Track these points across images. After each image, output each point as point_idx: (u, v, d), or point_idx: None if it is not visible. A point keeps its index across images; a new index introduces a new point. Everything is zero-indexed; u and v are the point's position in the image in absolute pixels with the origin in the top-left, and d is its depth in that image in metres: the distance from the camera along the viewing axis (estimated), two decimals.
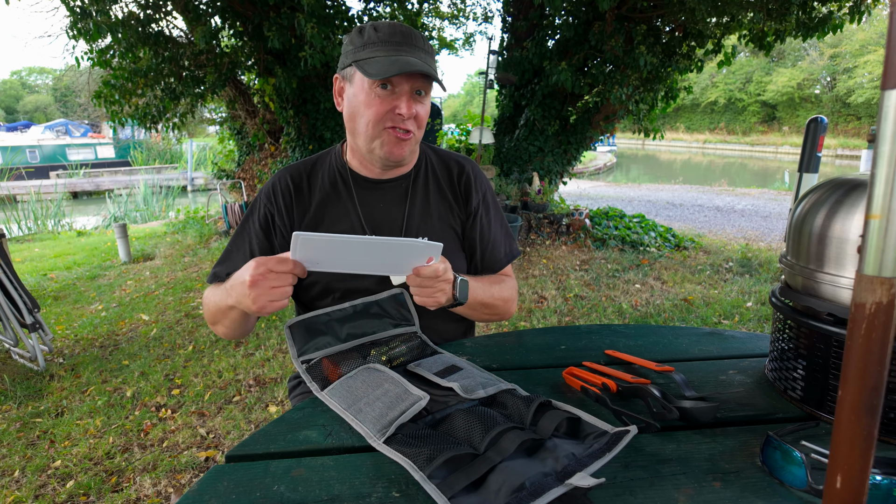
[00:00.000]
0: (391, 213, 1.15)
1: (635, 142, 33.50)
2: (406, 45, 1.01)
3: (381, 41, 1.01)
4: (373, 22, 1.05)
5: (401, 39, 1.01)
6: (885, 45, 0.37)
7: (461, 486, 0.64)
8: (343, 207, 1.14)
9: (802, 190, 3.07)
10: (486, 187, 1.24)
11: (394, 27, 1.02)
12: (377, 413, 0.79)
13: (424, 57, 1.03)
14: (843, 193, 0.79)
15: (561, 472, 0.65)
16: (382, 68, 0.98)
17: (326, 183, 1.16)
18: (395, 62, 0.98)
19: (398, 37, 1.01)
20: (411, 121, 1.04)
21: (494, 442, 0.70)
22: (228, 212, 6.91)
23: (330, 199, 1.15)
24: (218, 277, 1.12)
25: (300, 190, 1.16)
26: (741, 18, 5.50)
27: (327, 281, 1.11)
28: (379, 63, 0.99)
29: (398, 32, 1.02)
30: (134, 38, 5.28)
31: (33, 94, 52.31)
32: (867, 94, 28.93)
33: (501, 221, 1.26)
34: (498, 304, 1.17)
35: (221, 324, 1.07)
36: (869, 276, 0.38)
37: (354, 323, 1.05)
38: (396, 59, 0.99)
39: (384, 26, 1.02)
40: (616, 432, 0.72)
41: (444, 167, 1.22)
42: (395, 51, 1.00)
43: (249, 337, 3.43)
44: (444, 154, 1.24)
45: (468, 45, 10.03)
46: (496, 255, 1.23)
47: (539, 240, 5.94)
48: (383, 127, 1.04)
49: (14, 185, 14.61)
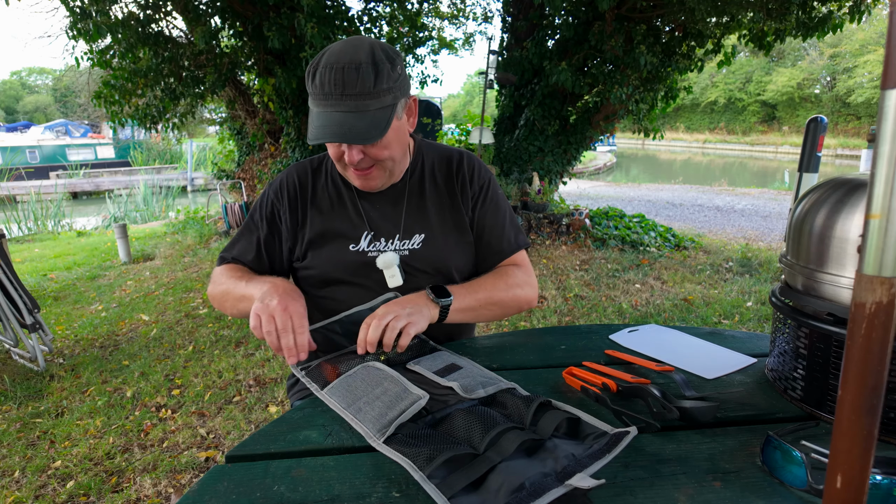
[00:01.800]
0: (389, 213, 1.16)
1: (635, 142, 33.49)
2: (335, 98, 0.96)
3: (314, 94, 0.99)
4: (316, 61, 0.99)
5: (329, 90, 0.95)
6: (885, 45, 0.37)
7: (461, 486, 0.64)
8: (345, 207, 1.17)
9: (802, 190, 3.07)
10: (486, 177, 1.23)
11: (328, 74, 0.96)
12: (377, 412, 0.79)
13: (357, 104, 0.95)
14: (843, 193, 0.79)
15: (561, 473, 0.65)
16: (312, 130, 0.98)
17: (330, 183, 1.19)
18: (319, 126, 0.97)
19: (328, 87, 0.96)
20: (366, 159, 1.04)
21: (494, 442, 0.70)
22: (228, 212, 6.91)
23: (333, 199, 1.18)
24: (225, 261, 1.20)
25: (305, 188, 1.19)
26: (741, 18, 5.50)
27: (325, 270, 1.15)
28: (312, 120, 0.99)
29: (328, 82, 0.95)
30: (134, 38, 5.28)
31: (33, 95, 52.31)
32: (867, 93, 28.93)
33: (506, 212, 1.24)
34: (501, 297, 1.13)
35: (227, 306, 1.16)
36: (869, 275, 0.38)
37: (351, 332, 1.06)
38: (322, 120, 0.97)
39: (321, 73, 0.97)
40: (616, 433, 0.72)
41: (443, 161, 1.22)
42: (324, 105, 0.97)
43: (249, 337, 3.43)
44: (443, 149, 1.25)
45: (468, 45, 10.02)
46: (500, 243, 1.20)
47: (539, 240, 5.94)
48: (344, 165, 1.07)
49: (14, 186, 14.62)
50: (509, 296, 1.14)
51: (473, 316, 1.11)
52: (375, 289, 1.12)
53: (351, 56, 0.95)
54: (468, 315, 1.09)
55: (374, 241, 1.14)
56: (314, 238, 1.15)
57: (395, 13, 6.95)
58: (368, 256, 1.13)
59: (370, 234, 1.14)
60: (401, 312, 0.96)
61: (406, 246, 1.14)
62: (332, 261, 1.14)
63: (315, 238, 1.15)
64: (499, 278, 1.16)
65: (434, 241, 1.16)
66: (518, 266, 1.21)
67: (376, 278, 1.12)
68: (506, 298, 1.14)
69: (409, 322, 0.95)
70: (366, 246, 1.14)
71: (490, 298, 1.12)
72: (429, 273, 1.15)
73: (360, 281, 1.13)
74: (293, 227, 1.17)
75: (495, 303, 1.13)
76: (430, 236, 1.16)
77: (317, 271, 1.16)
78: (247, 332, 3.53)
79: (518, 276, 1.18)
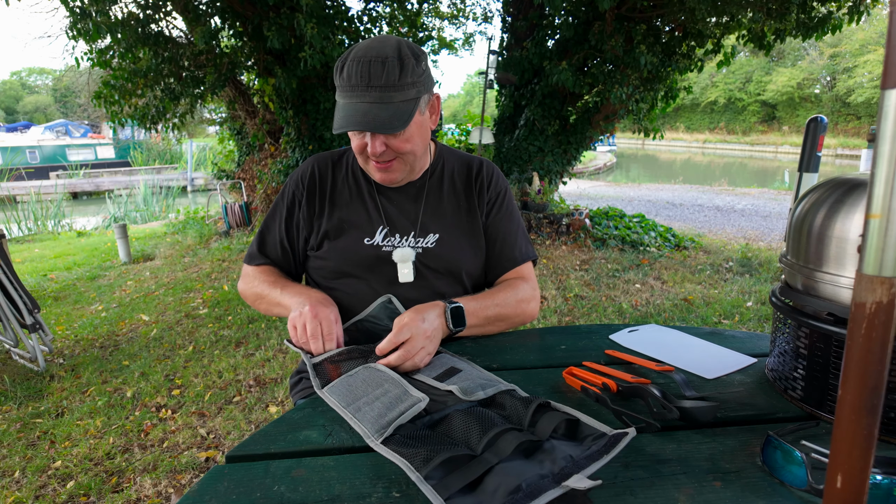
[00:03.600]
0: (406, 210, 1.19)
1: (635, 141, 33.50)
2: (361, 88, 0.99)
3: (341, 86, 1.03)
4: (345, 55, 1.03)
5: (356, 81, 0.99)
6: (885, 45, 0.37)
7: (458, 488, 0.64)
8: (363, 201, 1.19)
9: (802, 189, 3.07)
10: (503, 186, 1.27)
11: (355, 67, 1.00)
12: (376, 413, 0.79)
13: (382, 95, 0.99)
14: (842, 193, 0.79)
15: (558, 474, 0.65)
16: (337, 120, 1.02)
17: (350, 176, 1.22)
18: (344, 116, 1.01)
19: (355, 79, 1.00)
20: (388, 151, 1.06)
21: (492, 443, 0.70)
22: (228, 212, 6.91)
23: (352, 192, 1.20)
24: (254, 259, 1.26)
25: (325, 179, 1.21)
26: (741, 18, 5.50)
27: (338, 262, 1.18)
28: (337, 112, 1.03)
29: (355, 74, 0.99)
30: (134, 38, 5.28)
31: (33, 95, 52.33)
32: (867, 93, 28.93)
33: (519, 223, 1.27)
34: (508, 313, 1.15)
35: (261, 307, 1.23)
36: (869, 275, 0.38)
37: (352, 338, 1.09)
38: (347, 110, 1.01)
39: (349, 66, 1.01)
40: (614, 434, 0.72)
41: (463, 167, 1.25)
42: (350, 96, 1.01)
43: (249, 337, 3.43)
44: (464, 156, 1.29)
45: (468, 45, 10.01)
46: (511, 251, 1.23)
47: (539, 240, 5.94)
48: (366, 158, 1.09)
49: (14, 186, 14.63)
50: (517, 311, 1.17)
51: (478, 332, 1.14)
52: (384, 284, 1.14)
53: (378, 51, 1.00)
54: (472, 331, 1.13)
55: (389, 237, 1.16)
56: (330, 229, 1.18)
57: (394, 13, 6.95)
58: (382, 251, 1.15)
59: (385, 229, 1.16)
60: (426, 345, 0.97)
61: (420, 244, 1.16)
62: (347, 252, 1.16)
63: (331, 229, 1.18)
64: (509, 294, 1.17)
65: (448, 242, 1.17)
66: (525, 280, 1.23)
67: (387, 274, 1.14)
68: (512, 315, 1.16)
69: (427, 355, 0.97)
70: (380, 240, 1.15)
71: (498, 315, 1.14)
72: (440, 273, 1.16)
73: (370, 275, 1.15)
74: (310, 217, 1.20)
75: (502, 319, 1.15)
76: (444, 237, 1.17)
77: (330, 262, 1.18)
78: (247, 332, 3.53)
79: (526, 291, 1.20)
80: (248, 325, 3.66)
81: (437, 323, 1.02)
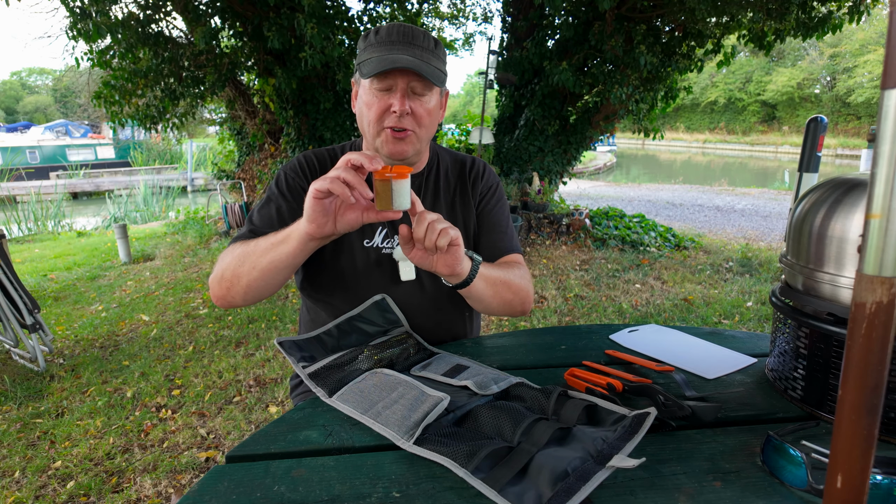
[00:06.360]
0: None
1: (635, 142, 33.49)
2: (401, 44, 1.02)
3: (378, 42, 1.03)
4: (379, 26, 1.06)
5: (397, 38, 1.02)
6: (885, 45, 0.37)
7: (507, 479, 0.65)
8: None
9: (802, 189, 3.07)
10: (494, 180, 1.28)
11: (393, 28, 1.03)
12: (399, 416, 0.79)
13: (421, 54, 1.03)
14: (842, 193, 0.79)
15: (598, 457, 0.67)
16: (373, 67, 1.00)
17: None
18: (383, 60, 1.00)
19: (395, 35, 1.02)
20: (408, 118, 1.04)
21: (526, 433, 0.71)
22: (228, 212, 6.91)
23: None
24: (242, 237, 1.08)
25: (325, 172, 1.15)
26: (741, 18, 5.50)
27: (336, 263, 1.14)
28: (372, 63, 1.02)
29: (396, 32, 1.03)
30: (134, 38, 5.28)
31: (33, 95, 52.31)
32: (867, 93, 28.92)
33: (509, 218, 1.28)
34: (511, 282, 1.10)
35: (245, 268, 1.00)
36: (869, 275, 0.38)
37: (345, 339, 1.06)
38: (387, 58, 1.00)
39: (385, 28, 1.04)
40: (636, 414, 0.74)
41: (456, 164, 1.26)
42: (389, 50, 1.02)
43: (249, 337, 3.43)
44: (456, 154, 1.30)
45: (468, 45, 10.03)
46: (504, 239, 1.21)
47: (539, 240, 5.94)
48: (382, 127, 1.05)
49: (14, 186, 14.61)
50: (521, 285, 1.12)
51: (492, 292, 1.07)
52: (385, 284, 1.12)
53: (411, 25, 1.05)
54: (488, 289, 1.05)
55: (388, 238, 1.15)
56: None
57: (395, 13, 6.94)
58: (382, 252, 1.14)
59: (385, 230, 1.15)
60: (448, 230, 0.89)
61: None
62: (346, 253, 1.13)
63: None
64: (513, 269, 1.14)
65: None
66: (520, 264, 1.21)
67: (387, 275, 1.13)
68: (517, 286, 1.11)
69: (448, 239, 0.88)
70: (380, 241, 1.14)
71: (507, 279, 1.10)
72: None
73: (369, 280, 1.12)
74: None
75: (509, 285, 1.10)
76: None
77: (327, 264, 1.13)
78: (247, 332, 3.53)
79: (524, 271, 1.18)
80: (248, 325, 3.66)
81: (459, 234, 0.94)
